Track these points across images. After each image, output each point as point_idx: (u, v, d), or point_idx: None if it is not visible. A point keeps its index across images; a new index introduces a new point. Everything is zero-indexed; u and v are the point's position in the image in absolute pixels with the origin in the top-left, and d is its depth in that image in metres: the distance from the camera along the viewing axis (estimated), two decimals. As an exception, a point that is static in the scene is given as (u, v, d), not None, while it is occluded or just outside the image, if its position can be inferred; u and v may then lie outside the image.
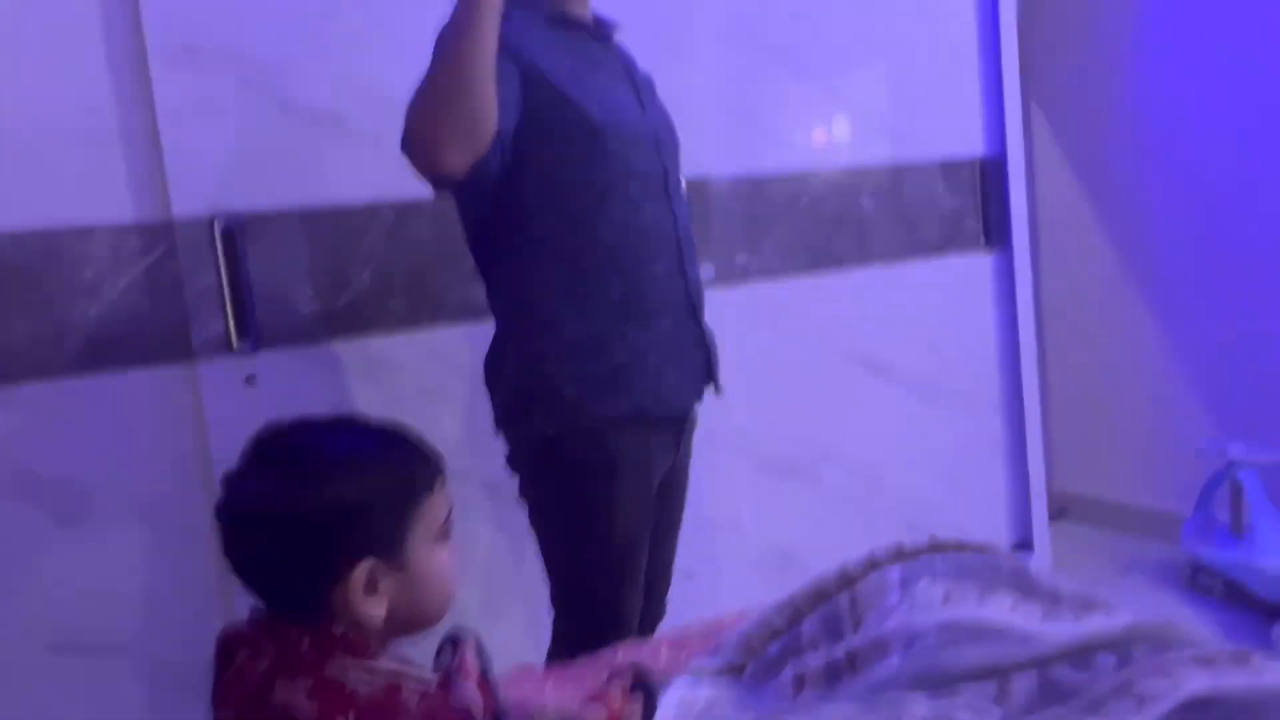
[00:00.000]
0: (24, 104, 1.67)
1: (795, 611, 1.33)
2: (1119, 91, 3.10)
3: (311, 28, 1.87)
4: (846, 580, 1.33)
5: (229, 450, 1.81)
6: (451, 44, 1.32)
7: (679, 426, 1.63)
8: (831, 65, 2.48)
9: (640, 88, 1.63)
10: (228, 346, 1.82)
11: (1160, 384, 3.11)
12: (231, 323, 1.81)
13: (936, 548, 1.32)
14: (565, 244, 1.47)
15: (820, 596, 1.33)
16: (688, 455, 1.72)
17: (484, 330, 2.04)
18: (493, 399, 1.57)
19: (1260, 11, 2.73)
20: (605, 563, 1.55)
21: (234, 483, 0.95)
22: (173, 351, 1.80)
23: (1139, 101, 3.05)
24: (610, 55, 1.61)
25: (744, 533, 2.39)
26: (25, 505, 1.70)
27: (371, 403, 1.94)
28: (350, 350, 1.93)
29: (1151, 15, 2.98)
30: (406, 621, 0.96)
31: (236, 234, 1.81)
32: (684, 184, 1.65)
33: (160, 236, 1.77)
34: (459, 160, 1.33)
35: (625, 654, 1.42)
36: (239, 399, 1.82)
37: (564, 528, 1.57)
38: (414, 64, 1.95)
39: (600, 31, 1.61)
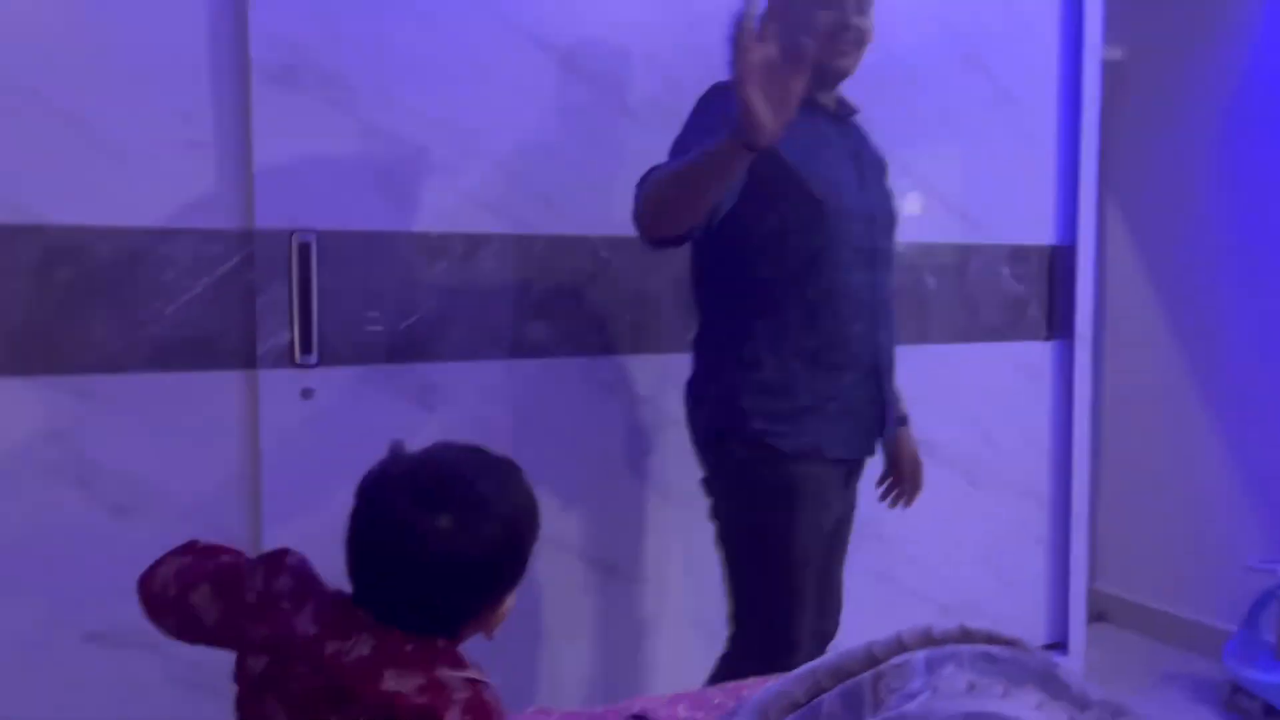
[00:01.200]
0: (128, 105, 1.75)
1: (816, 685, 1.32)
2: (1197, 188, 3.07)
3: (404, 60, 1.94)
4: (871, 659, 1.32)
5: (280, 458, 1.87)
6: (690, 178, 1.49)
7: (851, 471, 1.84)
8: (908, 139, 2.50)
9: (865, 167, 1.81)
10: (290, 359, 1.87)
11: (1215, 493, 3.04)
12: (296, 335, 1.87)
13: (966, 636, 1.30)
14: (775, 298, 1.70)
15: (843, 673, 1.32)
16: (855, 499, 1.91)
17: (538, 366, 2.09)
18: (691, 424, 1.80)
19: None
20: (782, 582, 1.72)
21: (402, 522, 0.94)
22: (237, 358, 1.85)
23: (1217, 200, 3.02)
24: (844, 135, 1.80)
25: (774, 597, 2.37)
26: (83, 493, 1.76)
27: (423, 428, 1.97)
28: (407, 374, 1.97)
29: (1236, 113, 2.96)
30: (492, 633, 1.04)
31: (311, 250, 1.87)
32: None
33: (239, 245, 1.84)
34: (673, 239, 1.60)
35: (641, 705, 1.42)
36: (295, 410, 1.87)
37: (747, 548, 1.75)
38: (497, 104, 2.02)
39: (840, 113, 1.80)
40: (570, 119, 2.10)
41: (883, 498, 2.02)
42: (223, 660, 1.08)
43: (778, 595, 1.73)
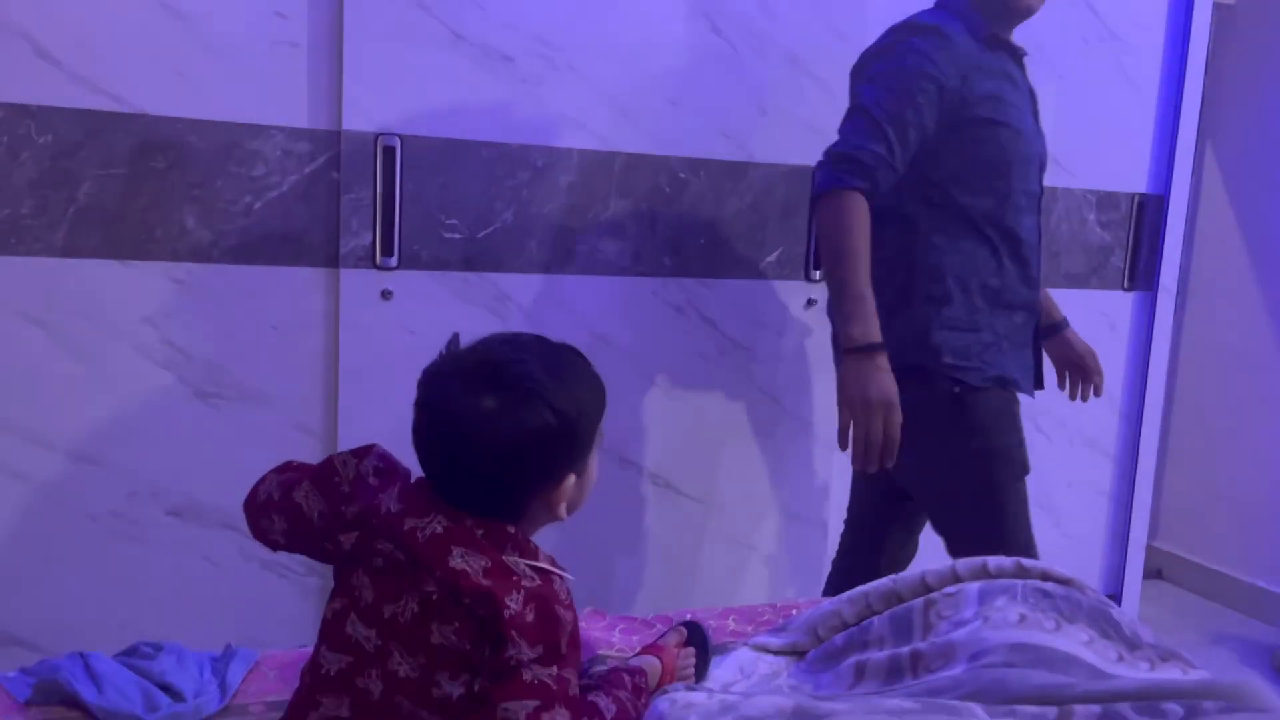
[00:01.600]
0: (226, 1, 1.78)
1: (867, 607, 1.35)
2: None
3: (498, -32, 1.94)
4: (925, 587, 1.34)
5: (358, 354, 1.93)
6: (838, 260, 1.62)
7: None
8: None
9: (1037, 110, 1.83)
10: (371, 260, 1.92)
11: (1289, 459, 2.97)
12: (379, 237, 1.91)
13: (1022, 572, 1.31)
14: (962, 241, 1.72)
15: (895, 598, 1.34)
16: None
17: (609, 283, 2.11)
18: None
19: None
20: (995, 504, 1.74)
21: (455, 407, 0.97)
22: (320, 255, 1.90)
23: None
24: (1024, 77, 1.81)
25: (830, 532, 2.40)
26: (172, 376, 1.84)
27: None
28: (483, 283, 2.01)
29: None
30: (566, 514, 1.05)
31: (396, 153, 1.90)
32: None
33: (327, 144, 1.88)
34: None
35: (693, 615, 1.46)
36: (374, 310, 1.92)
37: (953, 482, 1.76)
38: (584, 19, 2.01)
39: (1018, 53, 1.80)
40: (656, 36, 2.08)
41: (1074, 395, 2.10)
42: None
43: (1008, 527, 1.74)
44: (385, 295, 1.93)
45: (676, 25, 2.10)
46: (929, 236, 1.72)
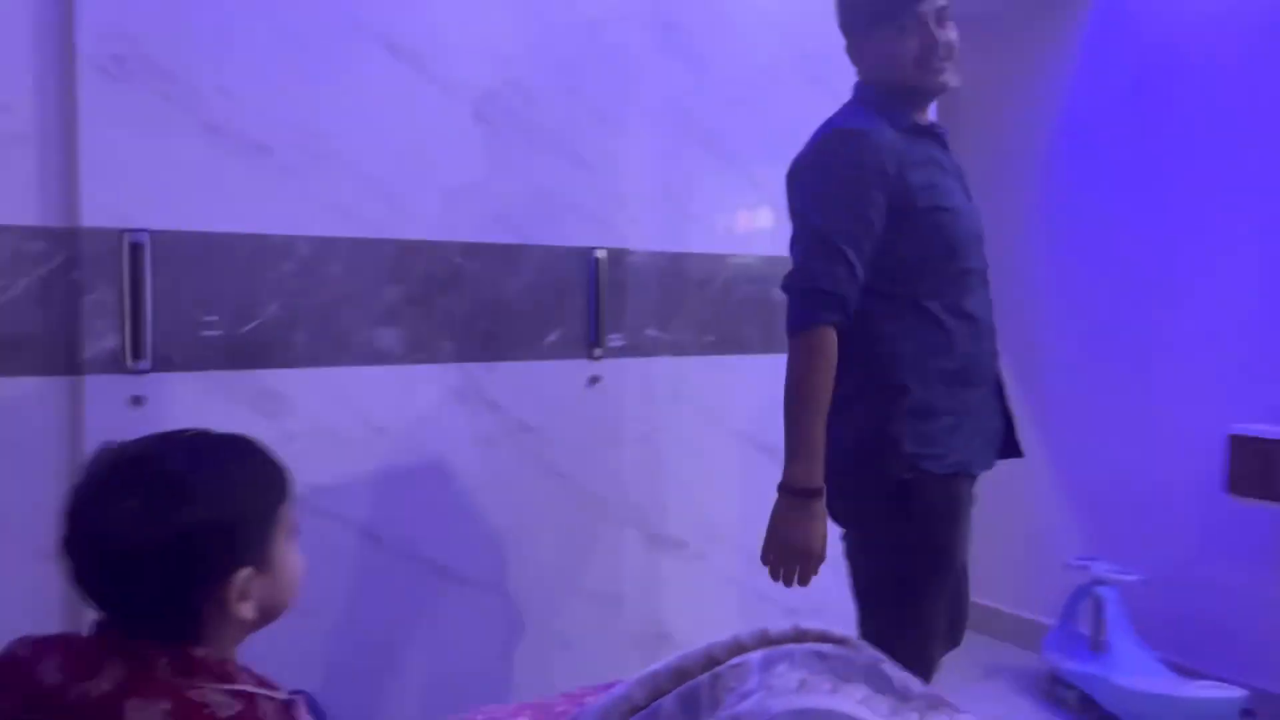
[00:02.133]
0: (-61, 95, 1.64)
1: (656, 688, 1.35)
2: (1022, 211, 3.27)
3: (248, 57, 1.88)
4: (710, 661, 1.35)
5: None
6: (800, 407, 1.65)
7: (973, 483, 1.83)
8: (754, 154, 2.56)
9: (966, 185, 1.82)
10: (120, 364, 1.78)
11: (1039, 496, 3.24)
12: (128, 340, 1.78)
13: (800, 635, 1.35)
14: (917, 329, 1.71)
15: (683, 675, 1.35)
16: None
17: (385, 373, 2.06)
18: (831, 449, 1.69)
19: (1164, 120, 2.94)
20: (929, 602, 1.74)
21: (93, 502, 0.93)
22: (61, 362, 1.75)
23: (1042, 226, 3.23)
24: (946, 154, 1.80)
25: (625, 606, 2.40)
26: (-122, 504, 1.63)
27: (264, 437, 1.90)
28: (247, 380, 1.91)
29: (1051, 159, 3.17)
30: (267, 614, 1.00)
31: (144, 250, 1.79)
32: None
33: (63, 243, 1.74)
34: None
35: (486, 715, 1.41)
36: (124, 418, 1.78)
37: (887, 564, 1.74)
38: (349, 107, 1.98)
39: (939, 134, 1.80)
40: (422, 123, 2.08)
41: None
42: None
43: (916, 611, 1.74)
44: (137, 401, 1.80)
45: (441, 115, 2.10)
46: (882, 325, 1.70)
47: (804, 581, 1.64)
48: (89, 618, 0.97)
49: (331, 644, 2.01)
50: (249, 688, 0.92)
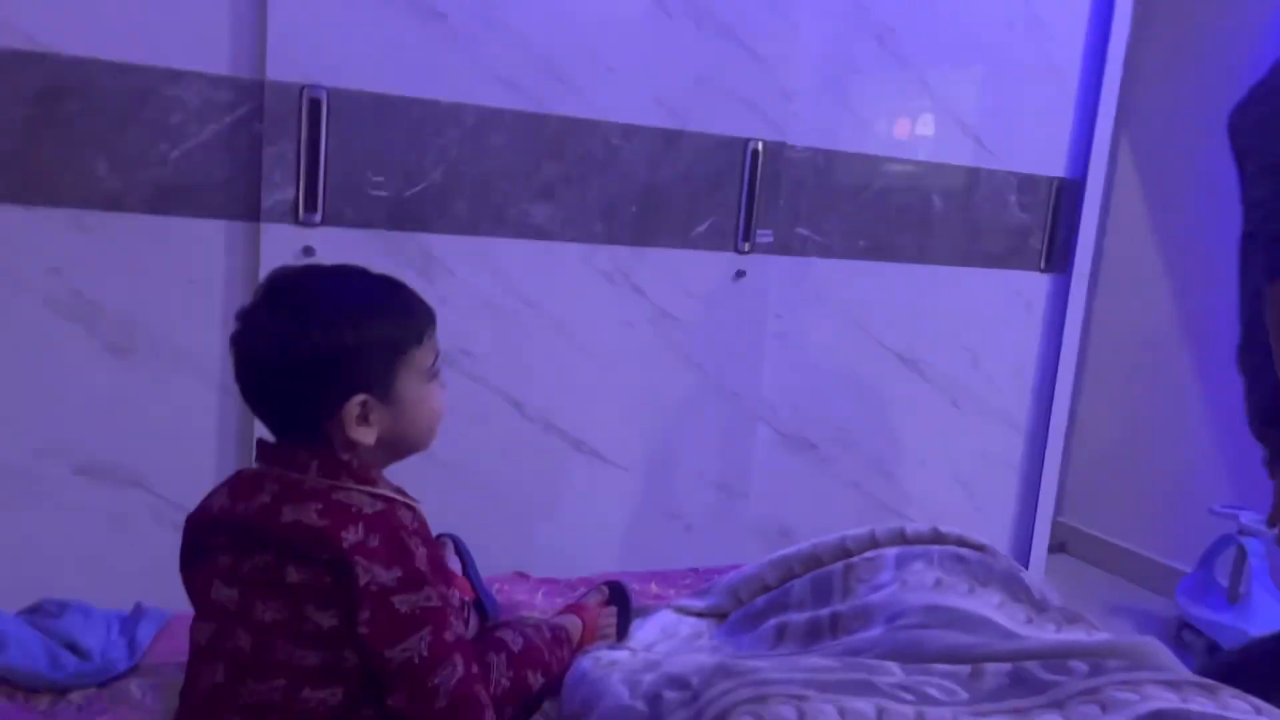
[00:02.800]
0: (145, -60, 1.71)
1: (788, 571, 1.37)
2: (1211, 140, 3.05)
3: (431, -80, 1.89)
4: (844, 551, 1.37)
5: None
6: None
7: None
8: (929, 57, 2.46)
9: None
10: (294, 215, 1.86)
11: (1187, 438, 3.10)
12: (302, 192, 1.86)
13: (938, 538, 1.35)
14: None
15: (816, 562, 1.36)
16: None
17: (538, 248, 2.09)
18: (1249, 398, 1.61)
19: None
20: None
21: (247, 317, 1.02)
22: (240, 209, 1.84)
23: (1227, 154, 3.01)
24: None
25: (750, 499, 2.43)
26: (80, 328, 1.76)
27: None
28: (408, 242, 1.97)
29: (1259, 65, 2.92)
30: (395, 446, 1.06)
31: (322, 106, 1.84)
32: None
33: (249, 95, 1.81)
34: None
35: (617, 576, 1.46)
36: (295, 266, 1.87)
37: None
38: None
39: None
40: (593, 0, 2.06)
41: None
42: (202, 488, 1.10)
43: None
44: (307, 252, 1.88)
45: (613, -12, 2.07)
46: None
47: None
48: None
49: (466, 497, 2.10)
50: (389, 493, 1.01)
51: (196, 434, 1.87)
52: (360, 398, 1.01)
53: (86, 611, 1.18)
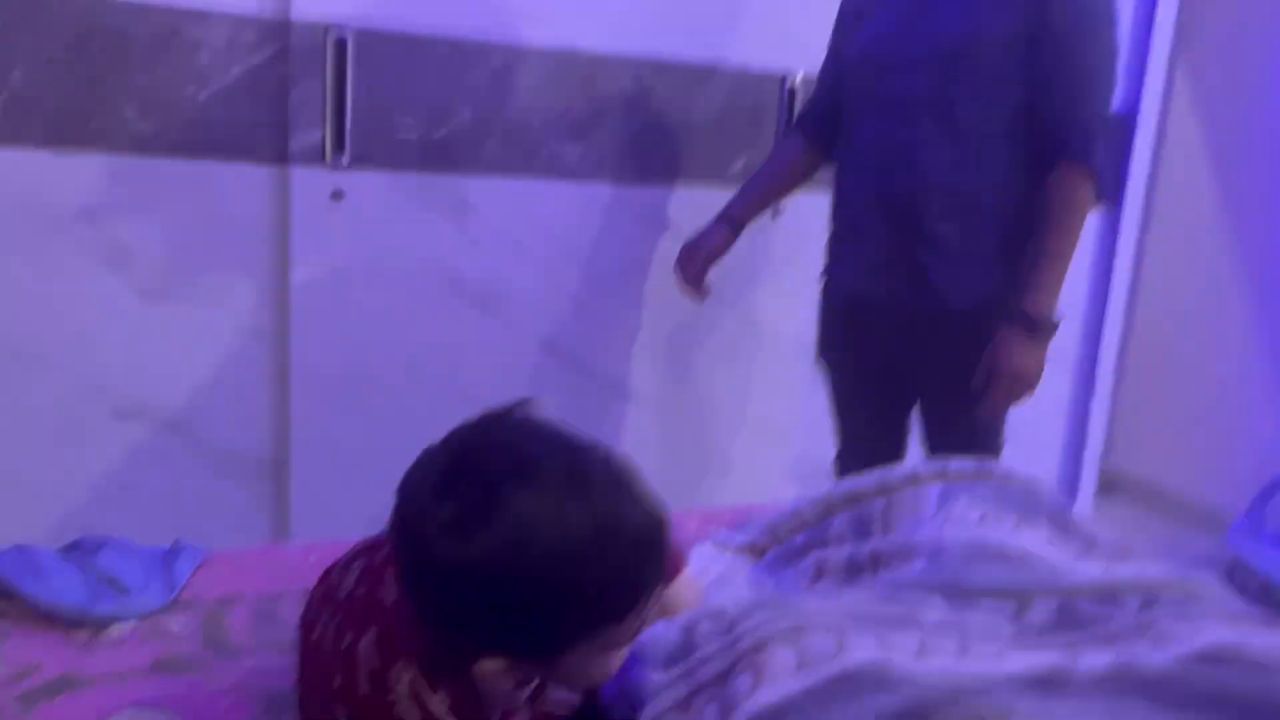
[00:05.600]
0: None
1: (827, 508, 1.34)
2: (1271, 76, 2.92)
3: None
4: (884, 488, 1.33)
5: (309, 255, 1.86)
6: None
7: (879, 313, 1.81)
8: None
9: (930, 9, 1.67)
10: (322, 157, 1.84)
11: (1240, 379, 3.01)
12: (329, 134, 1.83)
13: (982, 473, 1.31)
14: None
15: (855, 498, 1.33)
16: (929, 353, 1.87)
17: (570, 189, 2.05)
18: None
19: None
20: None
21: (447, 520, 0.73)
22: (269, 152, 1.83)
23: (1291, 81, 2.87)
24: None
25: (790, 439, 2.40)
26: (111, 274, 1.76)
27: (449, 241, 1.96)
28: (438, 184, 1.94)
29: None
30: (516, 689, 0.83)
31: (347, 47, 1.81)
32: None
33: (275, 35, 1.79)
34: None
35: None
36: (324, 210, 1.86)
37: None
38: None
39: None
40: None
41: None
42: (244, 448, 1.08)
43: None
44: (337, 195, 1.86)
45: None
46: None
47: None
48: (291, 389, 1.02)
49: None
50: (438, 711, 0.79)
51: (230, 375, 1.87)
52: (495, 663, 0.76)
53: (124, 548, 1.19)
